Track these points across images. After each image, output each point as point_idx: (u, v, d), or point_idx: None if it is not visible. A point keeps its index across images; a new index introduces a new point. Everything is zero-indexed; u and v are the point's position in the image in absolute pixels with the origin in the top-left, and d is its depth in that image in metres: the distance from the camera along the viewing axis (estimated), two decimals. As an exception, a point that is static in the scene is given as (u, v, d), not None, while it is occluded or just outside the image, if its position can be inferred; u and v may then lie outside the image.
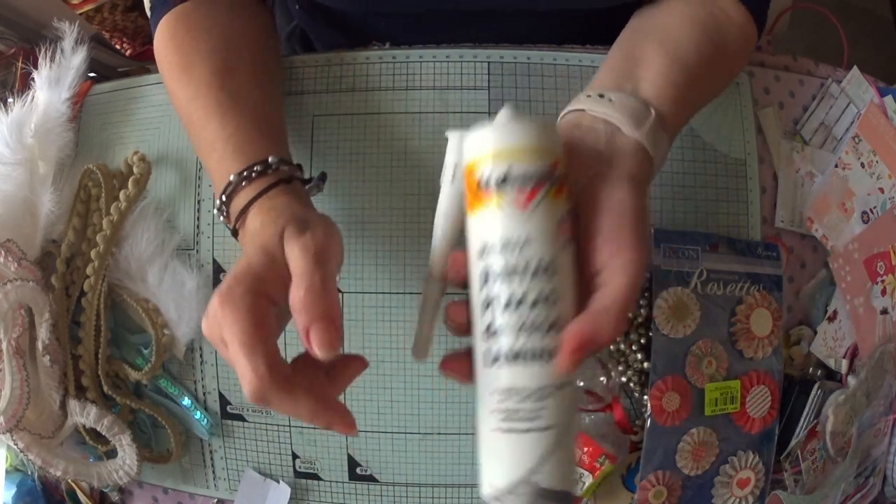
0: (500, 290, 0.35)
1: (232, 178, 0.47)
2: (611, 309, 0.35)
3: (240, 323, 0.38)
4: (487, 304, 0.35)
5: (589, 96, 0.45)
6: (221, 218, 0.49)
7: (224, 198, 0.47)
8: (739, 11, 0.53)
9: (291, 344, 0.58)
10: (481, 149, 0.36)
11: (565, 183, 0.36)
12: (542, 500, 0.35)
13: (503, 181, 0.35)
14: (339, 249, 0.42)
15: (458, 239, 0.38)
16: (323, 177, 0.53)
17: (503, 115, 0.37)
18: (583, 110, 0.44)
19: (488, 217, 0.35)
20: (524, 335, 0.35)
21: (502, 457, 0.35)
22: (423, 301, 0.40)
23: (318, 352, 0.37)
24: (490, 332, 0.35)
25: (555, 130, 0.37)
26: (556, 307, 0.35)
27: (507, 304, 0.35)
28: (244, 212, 0.46)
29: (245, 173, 0.46)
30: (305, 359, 0.40)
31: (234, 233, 0.48)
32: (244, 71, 0.53)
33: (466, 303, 0.38)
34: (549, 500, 0.35)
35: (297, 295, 0.39)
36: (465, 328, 0.37)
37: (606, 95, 0.44)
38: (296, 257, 0.40)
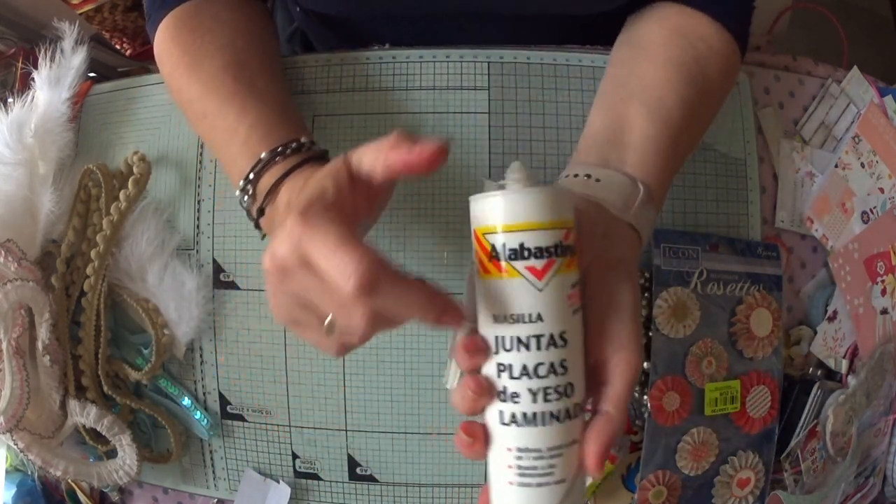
0: (514, 360, 0.36)
1: (264, 155, 0.46)
2: (618, 411, 0.38)
3: (331, 228, 0.34)
4: (501, 371, 0.36)
5: (577, 176, 0.46)
6: (245, 198, 0.47)
7: (252, 176, 0.47)
8: (722, 38, 0.53)
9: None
10: (493, 217, 0.36)
11: (576, 252, 0.37)
12: None
13: (515, 255, 0.35)
14: None
15: None
16: None
17: (514, 174, 0.37)
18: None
19: (500, 288, 0.36)
20: (539, 401, 0.36)
21: None
22: (453, 342, 0.41)
23: (437, 154, 0.36)
24: (505, 395, 0.36)
25: (566, 198, 0.37)
26: (567, 374, 0.36)
27: (522, 374, 0.36)
28: (277, 186, 0.45)
29: (280, 149, 0.46)
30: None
31: (260, 212, 0.47)
32: (254, 64, 0.53)
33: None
34: None
35: (381, 154, 0.37)
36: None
37: (594, 175, 0.45)
38: (361, 153, 0.38)
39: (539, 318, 0.36)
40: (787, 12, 0.72)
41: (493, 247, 0.36)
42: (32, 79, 0.60)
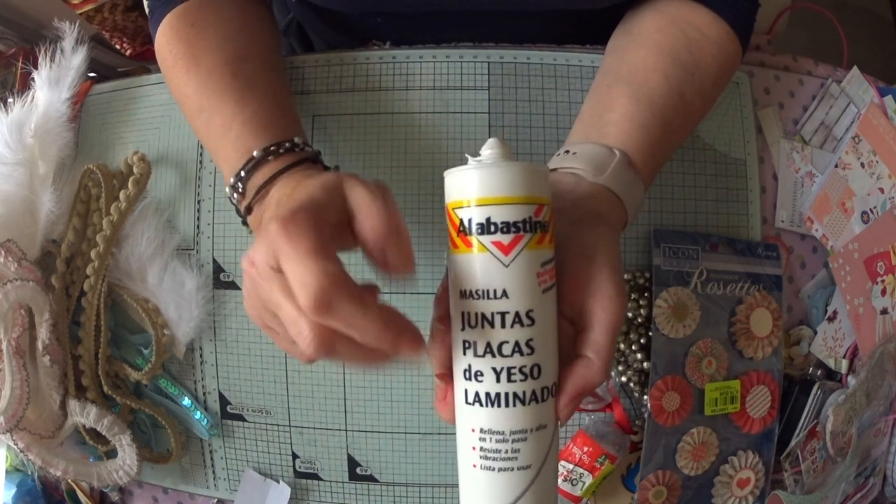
0: (478, 337, 0.35)
1: (255, 153, 0.46)
2: (596, 359, 0.37)
3: (306, 237, 0.34)
4: (466, 348, 0.36)
5: (558, 155, 0.47)
6: (235, 195, 0.47)
7: (243, 174, 0.46)
8: (717, 27, 0.53)
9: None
10: (462, 191, 0.35)
11: (549, 229, 0.36)
12: None
13: (483, 229, 0.35)
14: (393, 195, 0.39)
15: None
16: (336, 170, 0.53)
17: (489, 150, 0.36)
18: (555, 169, 0.46)
19: (467, 263, 0.35)
20: (502, 382, 0.35)
21: (480, 492, 0.37)
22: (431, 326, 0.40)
23: (401, 268, 0.36)
24: (469, 374, 0.36)
25: (539, 174, 0.36)
26: (534, 354, 0.36)
27: (485, 352, 0.35)
28: (267, 185, 0.45)
29: (273, 148, 0.46)
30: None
31: (249, 210, 0.46)
32: (255, 60, 0.53)
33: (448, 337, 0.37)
34: None
35: (367, 223, 0.36)
36: (448, 364, 0.38)
37: (571, 150, 0.46)
38: (359, 193, 0.37)
39: (504, 294, 0.35)
40: (787, 12, 0.72)
41: (462, 221, 0.35)
42: (32, 79, 0.60)
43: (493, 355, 0.35)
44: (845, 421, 0.58)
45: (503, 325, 0.35)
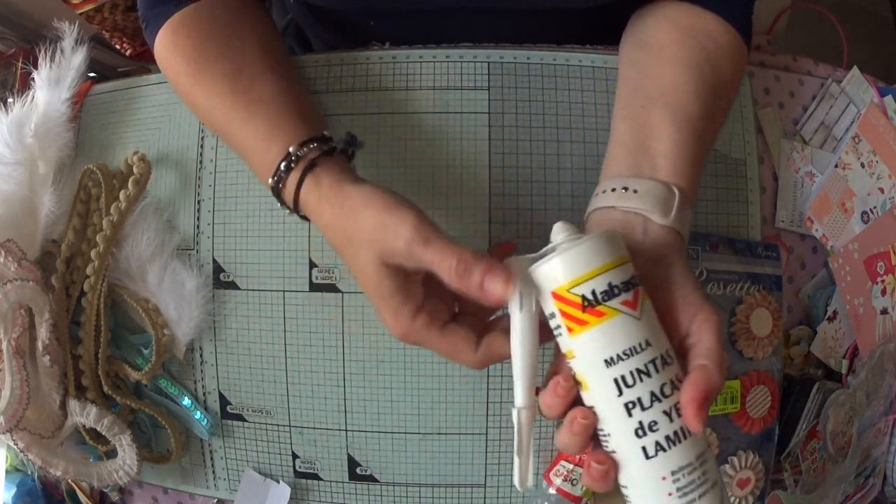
0: (641, 392, 0.38)
1: (270, 182, 0.49)
2: (712, 364, 0.39)
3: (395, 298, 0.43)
4: (630, 408, 0.38)
5: (614, 190, 0.47)
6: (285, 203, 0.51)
7: (277, 186, 0.50)
8: (728, 34, 0.53)
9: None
10: (573, 270, 0.38)
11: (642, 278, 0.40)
12: None
13: (608, 296, 0.38)
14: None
15: (536, 364, 0.40)
16: (352, 140, 0.54)
17: (565, 232, 0.40)
18: (613, 207, 0.46)
19: (603, 332, 0.38)
20: (674, 419, 0.38)
21: None
22: (518, 432, 0.40)
23: (499, 293, 0.39)
24: (642, 430, 0.38)
25: (620, 234, 0.40)
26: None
27: (653, 401, 0.38)
28: (297, 196, 0.49)
29: (283, 164, 0.49)
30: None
31: (296, 206, 0.50)
32: (257, 68, 0.53)
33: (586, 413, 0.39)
34: None
35: (454, 273, 0.40)
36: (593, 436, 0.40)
37: (630, 187, 0.46)
38: (431, 262, 0.42)
39: (648, 343, 0.38)
40: (787, 12, 0.72)
41: (584, 296, 0.38)
42: (32, 79, 0.60)
43: (660, 400, 0.38)
44: (845, 421, 0.58)
45: (658, 371, 0.38)
